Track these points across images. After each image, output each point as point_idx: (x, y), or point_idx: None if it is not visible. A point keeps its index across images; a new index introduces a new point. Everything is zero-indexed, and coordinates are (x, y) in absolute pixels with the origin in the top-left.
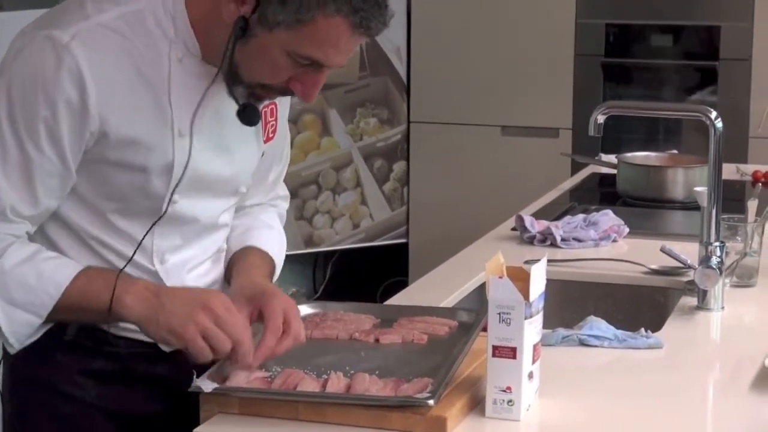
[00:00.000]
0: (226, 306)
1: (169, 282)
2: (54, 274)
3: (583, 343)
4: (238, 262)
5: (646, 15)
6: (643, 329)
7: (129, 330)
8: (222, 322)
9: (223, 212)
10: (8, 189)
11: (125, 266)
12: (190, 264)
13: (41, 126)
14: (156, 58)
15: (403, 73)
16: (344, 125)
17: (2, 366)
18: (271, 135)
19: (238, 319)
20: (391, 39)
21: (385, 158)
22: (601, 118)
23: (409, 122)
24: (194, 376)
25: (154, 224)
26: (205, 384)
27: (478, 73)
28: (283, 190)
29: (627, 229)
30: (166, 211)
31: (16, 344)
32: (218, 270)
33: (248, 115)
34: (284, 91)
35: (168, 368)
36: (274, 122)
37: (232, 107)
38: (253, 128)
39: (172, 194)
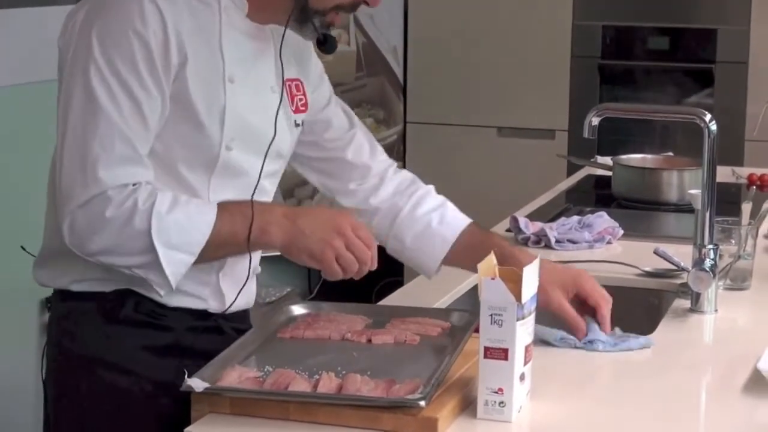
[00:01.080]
0: (356, 228)
1: None
2: (200, 213)
3: (577, 347)
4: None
5: (643, 17)
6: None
7: (184, 299)
8: (353, 245)
9: (266, 175)
10: (133, 136)
11: (252, 195)
12: None
13: (141, 66)
14: (207, 7)
15: (399, 73)
16: None
17: (50, 348)
18: (301, 108)
19: (366, 241)
20: (388, 39)
21: None
22: (595, 120)
23: (405, 123)
24: (185, 376)
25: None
26: (197, 383)
27: (474, 74)
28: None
29: (621, 231)
30: (220, 157)
31: (173, 286)
32: None
33: (330, 45)
34: (355, 5)
35: (220, 341)
36: (302, 96)
37: (268, 67)
38: (279, 95)
39: (223, 140)
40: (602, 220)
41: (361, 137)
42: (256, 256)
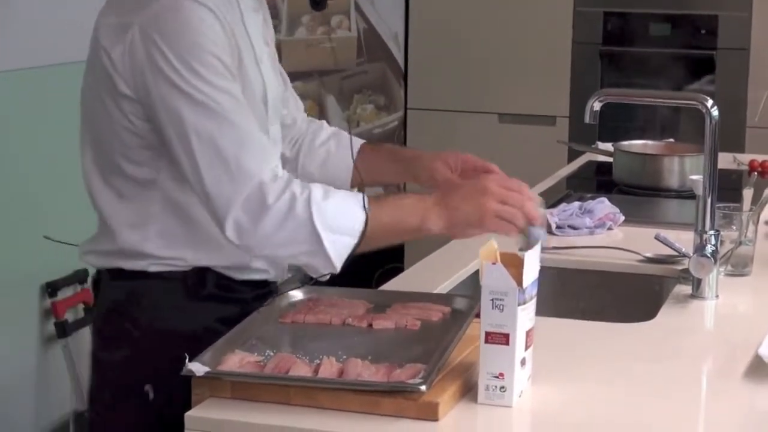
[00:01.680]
0: (500, 182)
1: None
2: (353, 200)
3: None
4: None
5: (644, 4)
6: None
7: (252, 272)
8: (505, 197)
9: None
10: (253, 127)
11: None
12: None
13: (225, 72)
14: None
15: (400, 59)
16: (341, 111)
17: (116, 322)
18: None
19: (513, 186)
20: (389, 25)
21: None
22: (597, 106)
23: (406, 109)
24: (186, 360)
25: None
26: (197, 368)
27: (475, 61)
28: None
29: (622, 217)
30: (270, 133)
31: (338, 269)
32: None
33: (322, 3)
34: None
35: None
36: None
37: (262, 29)
38: (272, 48)
39: (269, 118)
40: (603, 205)
41: (293, 93)
42: None
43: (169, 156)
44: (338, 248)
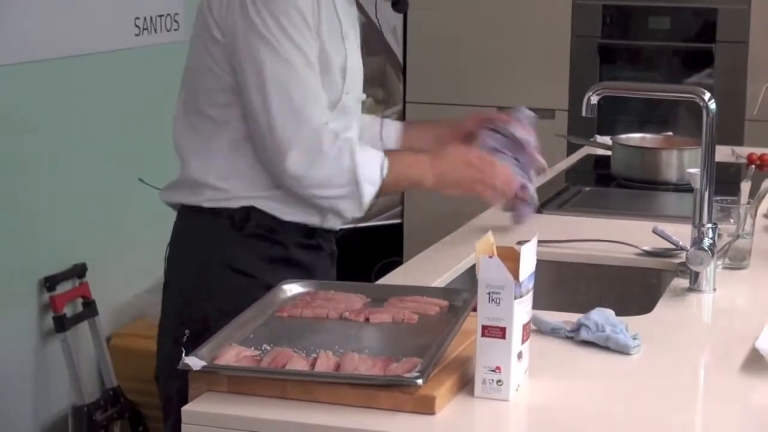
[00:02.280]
0: (480, 156)
1: None
2: (375, 154)
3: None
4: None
5: None
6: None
7: (297, 213)
8: (485, 173)
9: (356, 104)
10: (317, 83)
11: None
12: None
13: (305, 31)
14: None
15: (399, 52)
16: None
17: (181, 252)
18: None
19: (490, 163)
20: (388, 19)
21: None
22: (594, 99)
23: (405, 102)
24: (183, 354)
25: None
26: (194, 362)
27: (474, 54)
28: None
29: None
30: (341, 101)
31: (363, 213)
32: None
33: (402, 4)
34: None
35: (314, 255)
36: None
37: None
38: (357, 33)
39: (344, 88)
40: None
41: None
42: None
43: (242, 99)
44: (368, 195)
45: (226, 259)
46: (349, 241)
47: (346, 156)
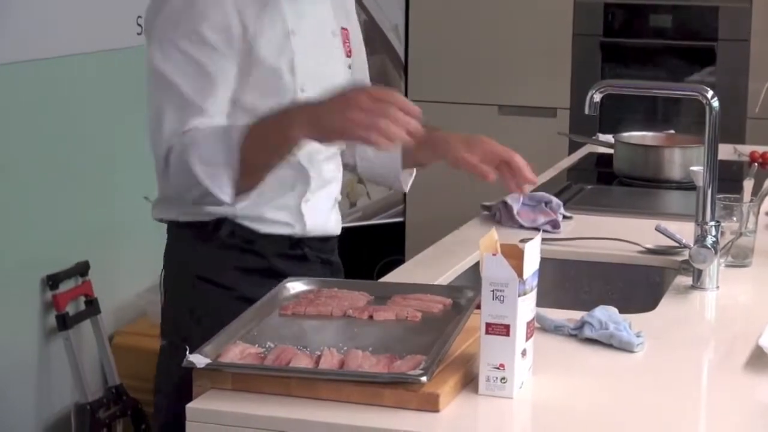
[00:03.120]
0: (372, 93)
1: (312, 170)
2: (230, 129)
3: (570, 335)
4: None
5: None
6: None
7: (272, 225)
8: (374, 110)
9: None
10: (193, 93)
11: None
12: (321, 155)
13: (202, 38)
14: None
15: (400, 51)
16: None
17: (167, 268)
18: (348, 54)
19: (386, 98)
20: (389, 17)
21: None
22: (597, 97)
23: None
24: (187, 351)
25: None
26: (198, 359)
27: (476, 52)
28: None
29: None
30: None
31: (228, 198)
32: (341, 168)
33: None
34: None
35: (299, 267)
36: (349, 44)
37: (327, 12)
38: (339, 39)
39: (296, 86)
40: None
41: None
42: (337, 185)
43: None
44: (216, 179)
45: (201, 271)
46: (351, 239)
47: (183, 158)
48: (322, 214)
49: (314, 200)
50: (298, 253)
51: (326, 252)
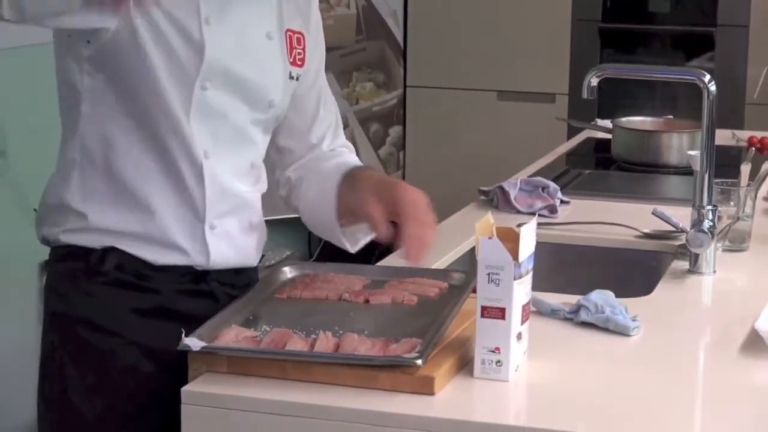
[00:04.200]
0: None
1: (214, 185)
2: None
3: (566, 318)
4: (352, 173)
5: None
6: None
7: (168, 254)
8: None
9: (252, 123)
10: None
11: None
12: (229, 168)
13: None
14: None
15: (399, 37)
16: (340, 89)
17: (45, 308)
18: (298, 62)
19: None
20: (388, 3)
21: (381, 122)
22: (594, 81)
23: (405, 87)
24: (182, 335)
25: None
26: (194, 342)
27: (474, 38)
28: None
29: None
30: (194, 94)
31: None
32: (261, 187)
33: None
34: None
35: (205, 306)
36: (301, 51)
37: (263, 13)
38: (277, 43)
39: (198, 78)
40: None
41: (323, 128)
42: (254, 210)
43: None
44: None
45: (82, 314)
46: None
47: None
48: (232, 243)
49: (222, 227)
50: (204, 289)
51: (239, 287)
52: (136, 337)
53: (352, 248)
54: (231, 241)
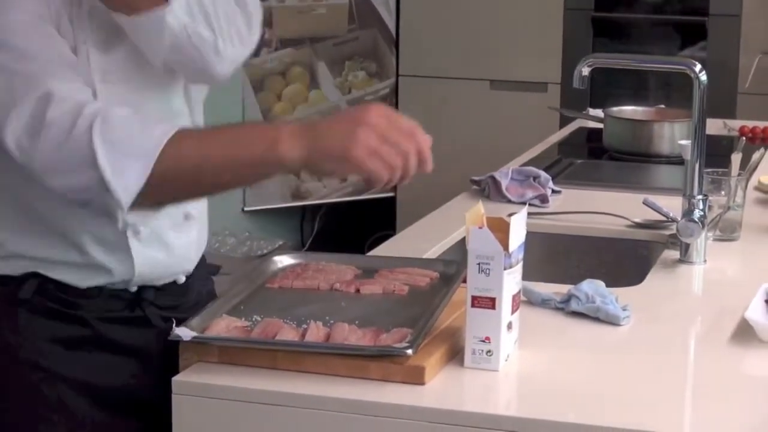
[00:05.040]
0: (388, 115)
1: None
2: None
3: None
4: None
5: None
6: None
7: (89, 275)
8: (390, 137)
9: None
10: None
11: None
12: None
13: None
14: None
15: (392, 26)
16: (333, 78)
17: None
18: None
19: (405, 128)
20: None
21: None
22: (585, 70)
23: (397, 76)
24: (173, 325)
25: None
26: (184, 332)
27: (467, 27)
28: None
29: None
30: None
31: (125, 203)
32: None
33: None
34: None
35: (141, 335)
36: None
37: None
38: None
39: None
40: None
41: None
42: (188, 222)
43: None
44: (127, 178)
45: (4, 343)
46: (341, 214)
47: (81, 124)
48: (163, 244)
49: (149, 227)
50: (138, 314)
51: (185, 308)
52: (60, 369)
53: None
54: (161, 242)
